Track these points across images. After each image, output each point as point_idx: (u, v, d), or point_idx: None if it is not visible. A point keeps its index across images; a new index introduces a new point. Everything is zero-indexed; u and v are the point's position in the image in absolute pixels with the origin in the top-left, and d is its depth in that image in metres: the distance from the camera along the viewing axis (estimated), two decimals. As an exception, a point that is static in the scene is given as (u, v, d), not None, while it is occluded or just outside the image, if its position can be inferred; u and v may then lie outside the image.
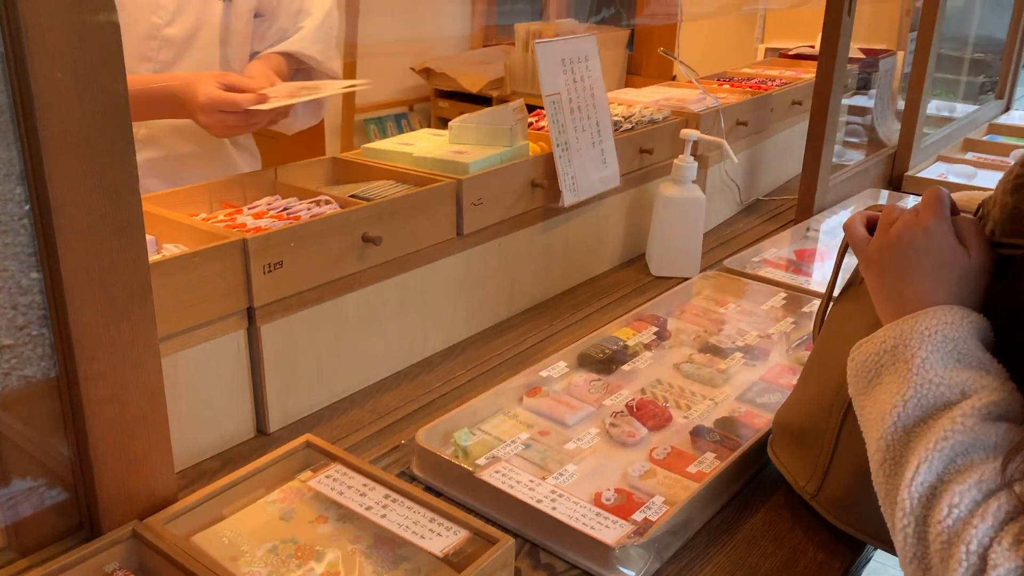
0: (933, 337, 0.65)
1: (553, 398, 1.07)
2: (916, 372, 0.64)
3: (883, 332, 0.68)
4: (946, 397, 0.62)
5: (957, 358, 0.64)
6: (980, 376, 0.63)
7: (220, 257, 0.91)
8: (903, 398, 0.63)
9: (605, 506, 0.87)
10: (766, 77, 2.08)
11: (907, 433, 0.63)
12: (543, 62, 1.30)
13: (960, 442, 0.60)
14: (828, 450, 0.83)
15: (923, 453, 0.60)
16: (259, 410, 1.01)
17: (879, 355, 0.67)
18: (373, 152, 1.28)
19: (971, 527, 0.56)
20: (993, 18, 3.53)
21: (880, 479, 0.64)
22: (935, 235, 0.69)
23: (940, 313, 0.66)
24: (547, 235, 1.37)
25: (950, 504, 0.57)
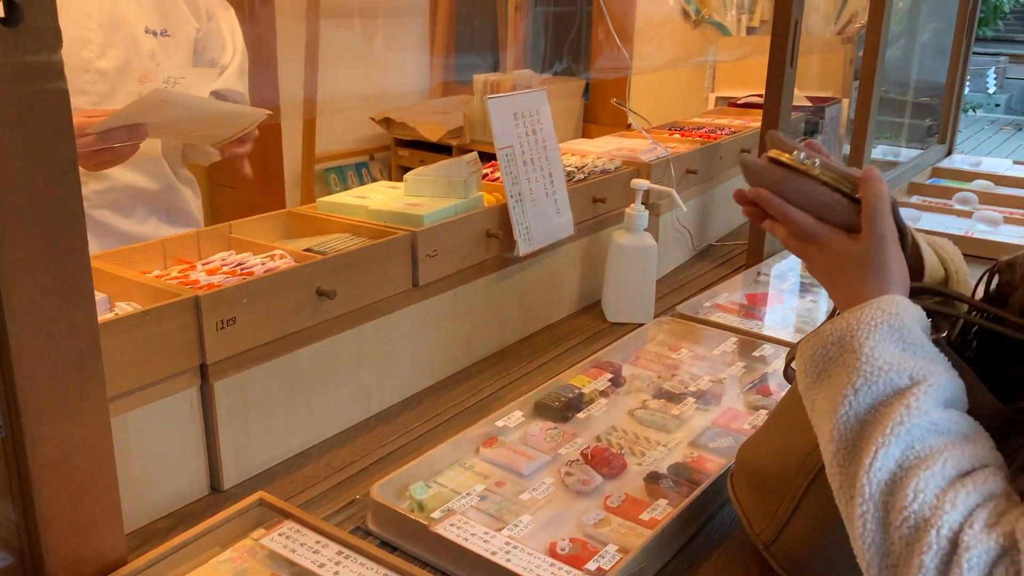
0: (879, 327, 0.66)
1: (509, 448, 1.08)
2: (865, 361, 0.64)
3: (829, 326, 0.69)
4: (896, 383, 0.63)
5: (903, 347, 0.65)
6: (927, 363, 0.64)
7: (172, 315, 0.91)
8: (854, 387, 0.64)
9: (560, 556, 0.87)
10: (716, 126, 2.14)
11: (859, 422, 0.63)
12: (495, 117, 1.33)
13: (916, 426, 0.61)
14: (790, 506, 0.82)
15: (879, 439, 0.61)
16: (213, 467, 1.00)
17: (827, 348, 0.68)
18: (328, 206, 1.30)
19: (941, 512, 0.56)
20: (936, 63, 3.66)
21: (835, 469, 0.64)
22: (830, 253, 0.73)
23: (882, 304, 0.67)
24: (503, 284, 1.39)
25: (915, 489, 0.58)
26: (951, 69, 2.78)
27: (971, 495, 0.57)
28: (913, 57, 4.38)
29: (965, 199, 2.26)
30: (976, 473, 0.59)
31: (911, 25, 3.41)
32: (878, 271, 0.71)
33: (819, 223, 0.74)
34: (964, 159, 2.76)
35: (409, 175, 1.33)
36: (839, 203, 0.74)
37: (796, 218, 0.74)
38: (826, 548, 0.80)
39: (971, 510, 0.57)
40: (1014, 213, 2.15)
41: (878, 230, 0.71)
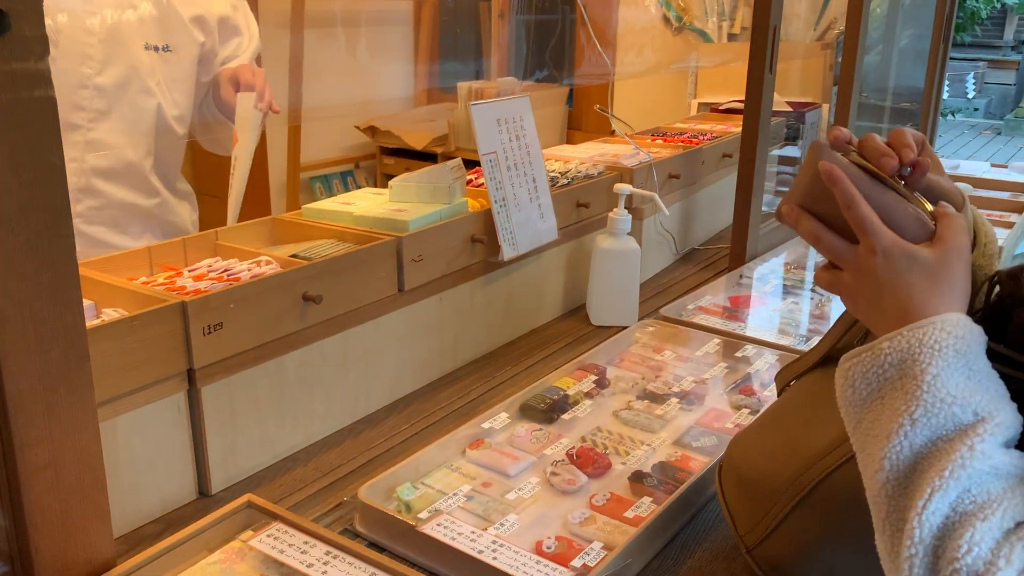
0: (944, 352, 0.61)
1: (495, 449, 1.09)
2: (927, 390, 0.60)
3: (886, 344, 0.64)
4: (959, 419, 0.60)
5: (968, 375, 0.61)
6: (992, 397, 0.61)
7: (159, 320, 0.92)
8: (911, 416, 0.60)
9: (546, 554, 0.88)
10: (698, 131, 2.17)
11: (914, 454, 0.60)
12: (479, 123, 1.34)
13: (977, 471, 0.58)
14: (777, 517, 0.81)
15: (936, 481, 0.58)
16: (201, 472, 1.01)
17: (883, 368, 0.64)
18: (314, 212, 1.31)
19: (995, 568, 0.55)
20: (916, 68, 3.71)
21: (882, 499, 0.61)
22: (890, 255, 0.66)
23: (947, 325, 0.62)
24: (488, 289, 1.40)
25: (970, 541, 0.56)
26: (929, 73, 2.82)
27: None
28: (893, 63, 4.43)
29: (944, 201, 2.28)
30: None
31: (889, 31, 3.46)
32: (950, 284, 0.66)
33: (881, 223, 0.68)
34: (942, 163, 2.79)
35: (394, 181, 1.34)
36: (914, 215, 0.68)
37: (862, 210, 0.67)
38: (811, 561, 0.80)
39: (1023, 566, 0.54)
40: (991, 215, 2.18)
41: (958, 241, 0.66)
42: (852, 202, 0.68)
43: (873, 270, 0.67)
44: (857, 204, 0.68)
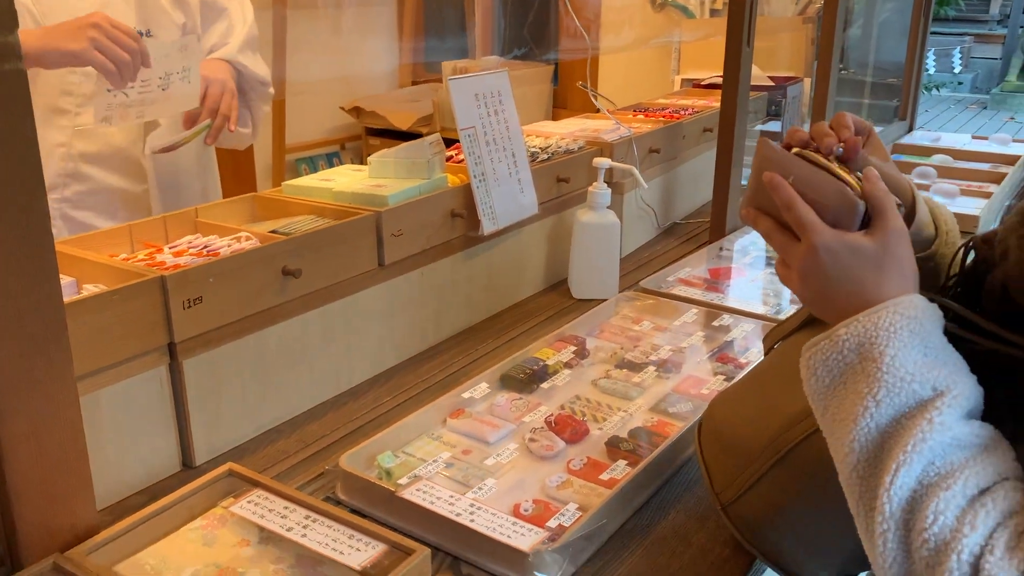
0: (900, 333, 0.63)
1: (475, 418, 1.10)
2: (887, 371, 0.62)
3: (843, 330, 0.66)
4: (919, 395, 0.61)
5: (924, 352, 0.63)
6: (950, 371, 0.63)
7: (138, 295, 0.93)
8: (875, 398, 0.62)
9: (523, 516, 0.90)
10: (679, 107, 2.18)
11: (880, 434, 0.62)
12: (457, 98, 1.35)
13: (939, 442, 0.59)
14: (753, 476, 0.83)
15: (900, 456, 0.59)
16: (184, 444, 1.02)
17: (843, 354, 0.65)
18: (294, 189, 1.32)
19: (961, 535, 0.56)
20: (900, 44, 3.73)
21: (854, 480, 0.63)
22: (831, 252, 0.68)
23: (900, 307, 0.65)
24: (470, 263, 1.42)
25: (935, 511, 0.57)
26: (910, 46, 2.83)
27: (990, 515, 0.56)
28: (879, 39, 4.44)
29: (924, 173, 2.31)
30: (996, 489, 0.58)
31: (871, 5, 3.46)
32: (898, 267, 0.67)
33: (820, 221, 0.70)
34: (924, 135, 2.81)
35: (373, 157, 1.36)
36: (837, 188, 0.70)
37: (799, 210, 0.70)
38: (784, 522, 0.82)
39: (991, 531, 0.56)
40: (971, 186, 2.21)
41: (894, 224, 0.68)
42: (790, 203, 0.70)
43: (820, 266, 0.69)
44: (795, 205, 0.70)
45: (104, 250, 1.12)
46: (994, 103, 9.21)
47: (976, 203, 2.08)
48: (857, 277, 0.68)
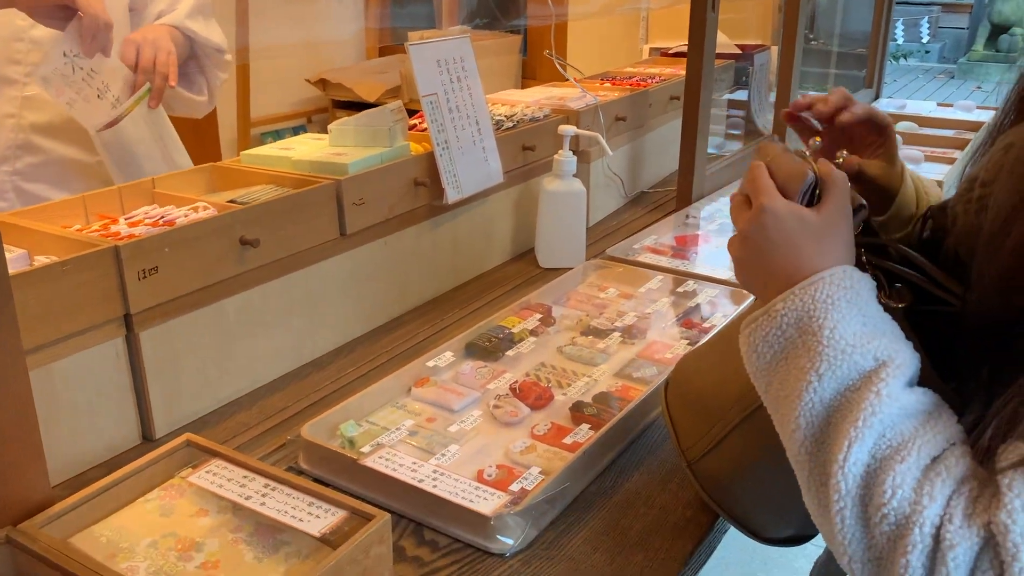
0: (838, 304, 0.63)
1: (440, 386, 1.10)
2: (827, 344, 0.62)
3: (780, 305, 0.65)
4: (861, 366, 0.61)
5: (863, 322, 0.63)
6: (889, 340, 0.63)
7: (91, 265, 0.91)
8: (817, 372, 0.62)
9: (486, 481, 0.90)
10: (647, 75, 2.17)
11: (825, 408, 0.62)
12: (417, 63, 1.33)
13: (887, 415, 0.59)
14: (720, 433, 0.83)
15: (852, 432, 0.59)
16: (144, 417, 1.01)
17: (782, 329, 0.65)
18: (252, 158, 1.30)
19: (920, 507, 0.56)
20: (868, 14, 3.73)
21: (802, 457, 0.63)
22: (777, 216, 0.68)
23: (837, 278, 0.64)
24: (435, 233, 1.41)
25: (892, 484, 0.57)
26: (876, 15, 2.84)
27: (946, 483, 0.57)
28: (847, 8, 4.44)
29: (889, 140, 2.32)
30: (947, 455, 0.59)
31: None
32: (834, 242, 0.68)
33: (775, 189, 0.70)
34: (890, 102, 2.82)
35: (333, 125, 1.33)
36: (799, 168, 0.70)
37: (754, 173, 0.71)
38: (749, 479, 0.83)
39: (947, 500, 0.56)
40: (935, 152, 2.22)
41: (841, 203, 0.69)
42: (753, 174, 0.71)
43: (763, 227, 0.69)
44: (756, 175, 0.71)
45: (57, 221, 1.09)
46: (961, 72, 9.29)
47: (940, 169, 2.10)
48: (796, 243, 0.68)
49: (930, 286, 0.69)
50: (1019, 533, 0.52)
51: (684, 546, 0.85)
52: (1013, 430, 0.57)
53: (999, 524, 0.53)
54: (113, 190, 1.19)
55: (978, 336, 0.64)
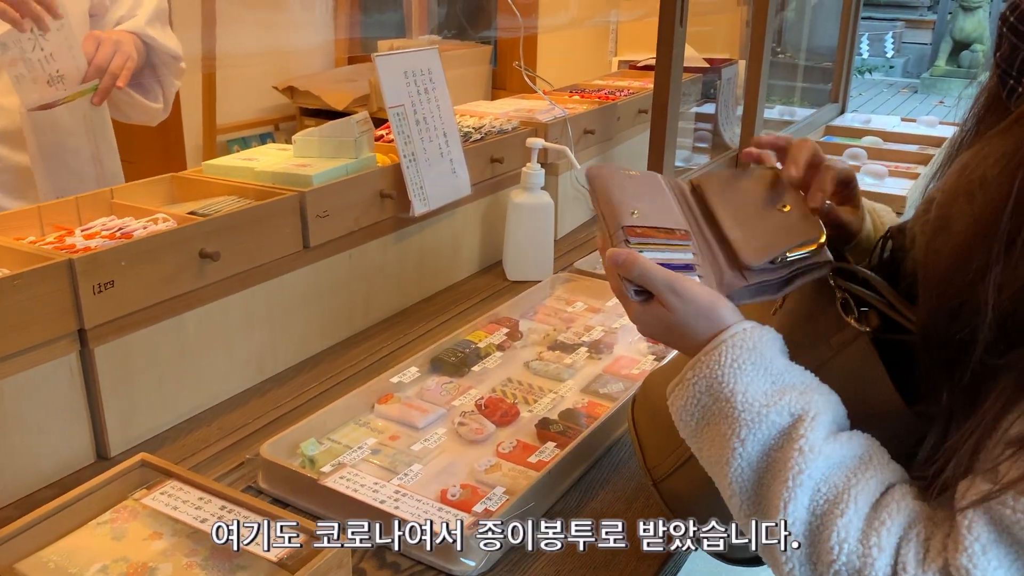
0: (743, 366, 0.64)
1: (404, 403, 1.08)
2: (741, 408, 0.63)
3: (691, 373, 0.67)
4: (779, 424, 0.62)
5: (771, 380, 0.64)
6: (800, 392, 0.64)
7: (44, 279, 0.89)
8: (739, 438, 0.63)
9: (450, 501, 0.89)
10: (615, 88, 2.17)
11: (754, 471, 0.63)
12: (384, 75, 1.32)
13: (816, 468, 0.60)
14: (687, 452, 0.80)
15: (784, 494, 0.60)
16: (98, 434, 0.98)
17: (697, 397, 0.67)
18: (214, 168, 1.27)
19: (870, 559, 0.56)
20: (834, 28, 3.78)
21: (744, 521, 0.64)
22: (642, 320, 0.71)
23: (738, 339, 0.66)
24: (400, 245, 1.39)
25: (837, 541, 0.57)
26: (842, 30, 2.87)
27: (891, 531, 0.57)
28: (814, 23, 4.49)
29: (855, 154, 2.34)
30: (887, 500, 0.59)
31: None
32: (717, 309, 0.68)
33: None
34: (855, 117, 2.86)
35: (297, 136, 1.32)
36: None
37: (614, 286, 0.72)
38: (714, 500, 0.81)
39: (897, 548, 0.56)
40: (899, 167, 2.25)
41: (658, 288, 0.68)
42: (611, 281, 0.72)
43: (652, 323, 0.70)
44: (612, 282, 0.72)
45: (10, 233, 1.06)
46: (924, 87, 9.45)
47: (904, 184, 2.12)
48: (684, 325, 0.68)
49: (887, 309, 0.70)
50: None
51: (649, 567, 0.84)
52: (972, 467, 0.57)
53: (961, 568, 0.54)
54: (70, 200, 1.16)
55: (932, 360, 0.65)
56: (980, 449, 0.57)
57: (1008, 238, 0.57)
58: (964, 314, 0.60)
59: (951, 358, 0.61)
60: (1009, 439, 0.56)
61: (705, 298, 0.68)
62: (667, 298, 0.68)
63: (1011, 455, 0.55)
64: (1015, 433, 0.56)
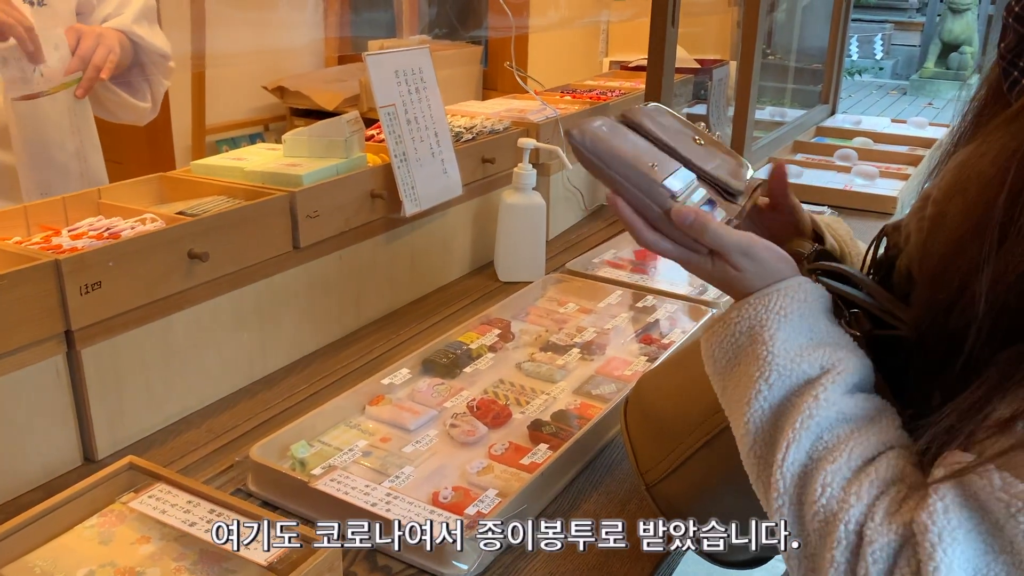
0: (790, 316, 0.65)
1: (396, 405, 1.08)
2: (776, 352, 0.64)
3: (736, 314, 0.68)
4: (807, 373, 0.63)
5: (811, 335, 0.65)
6: (835, 349, 0.65)
7: (30, 280, 0.88)
8: (767, 380, 0.64)
9: (442, 504, 0.88)
10: (607, 88, 2.17)
11: (774, 413, 0.64)
12: (375, 75, 1.31)
13: (825, 418, 0.61)
14: (681, 456, 0.83)
15: (790, 434, 0.61)
16: (85, 437, 0.97)
17: (735, 336, 0.67)
18: (203, 168, 1.26)
19: (847, 505, 0.58)
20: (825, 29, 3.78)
21: (752, 460, 0.65)
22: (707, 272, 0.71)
23: (792, 290, 0.67)
24: (392, 246, 1.38)
25: (822, 483, 0.59)
26: (832, 32, 2.88)
27: (874, 484, 0.58)
28: (804, 24, 4.50)
29: (845, 155, 2.35)
30: (880, 459, 0.60)
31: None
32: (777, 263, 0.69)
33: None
34: (846, 118, 2.86)
35: (287, 135, 1.31)
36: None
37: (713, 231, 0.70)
38: (709, 504, 0.81)
39: (874, 499, 0.58)
40: (890, 168, 2.26)
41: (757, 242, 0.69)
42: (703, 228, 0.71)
43: (725, 278, 0.71)
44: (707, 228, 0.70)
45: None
46: (913, 89, 9.49)
47: (894, 185, 2.12)
48: (751, 278, 0.70)
49: (879, 312, 0.70)
50: (936, 533, 0.54)
51: (643, 569, 0.83)
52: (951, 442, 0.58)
53: (920, 524, 0.55)
54: (56, 200, 1.14)
55: (925, 362, 0.65)
56: (958, 431, 0.58)
57: (1001, 230, 0.57)
58: (959, 308, 0.60)
59: (945, 355, 0.61)
60: (990, 423, 0.56)
61: (774, 259, 0.69)
62: (737, 260, 0.69)
63: (989, 436, 0.56)
64: (996, 417, 0.56)
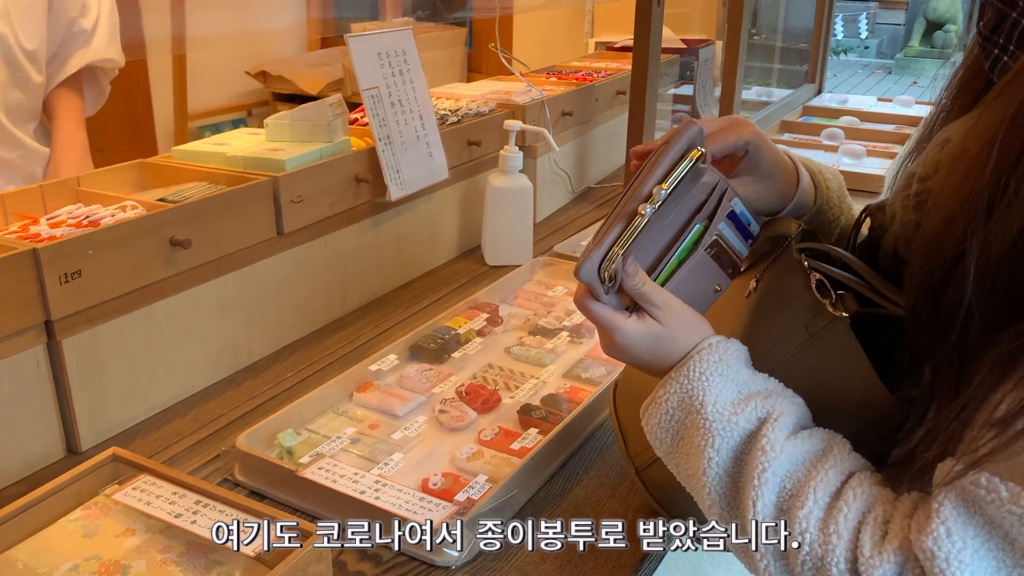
0: (712, 378, 0.66)
1: (384, 391, 1.07)
2: (712, 417, 0.64)
3: (663, 392, 0.68)
4: (746, 429, 0.64)
5: (737, 389, 0.66)
6: (764, 398, 0.65)
7: (8, 269, 0.86)
8: (712, 446, 0.64)
9: (431, 491, 0.87)
10: (593, 69, 2.15)
11: (730, 477, 0.64)
12: (358, 56, 1.29)
13: (780, 465, 0.62)
14: None
15: (752, 492, 0.62)
16: (68, 428, 0.96)
17: (670, 413, 0.68)
18: (184, 154, 1.24)
19: (830, 546, 0.58)
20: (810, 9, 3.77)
21: (723, 526, 0.65)
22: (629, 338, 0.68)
23: (705, 353, 0.67)
24: (377, 231, 1.37)
25: (800, 531, 0.59)
26: (817, 11, 2.86)
27: (848, 517, 0.58)
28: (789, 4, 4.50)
29: (832, 135, 2.34)
30: (846, 490, 0.60)
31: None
32: (688, 324, 0.68)
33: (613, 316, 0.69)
34: (832, 97, 2.85)
35: (269, 119, 1.29)
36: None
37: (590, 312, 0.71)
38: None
39: (855, 532, 0.58)
40: (876, 147, 2.25)
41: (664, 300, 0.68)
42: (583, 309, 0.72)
43: (624, 348, 0.69)
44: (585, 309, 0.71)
45: (-28, 223, 1.03)
46: (898, 68, 9.49)
47: (881, 163, 2.12)
48: (656, 347, 0.68)
49: (869, 292, 0.69)
50: (943, 559, 0.54)
51: (634, 553, 0.83)
52: (955, 448, 0.57)
53: (926, 551, 0.54)
54: (35, 188, 1.12)
55: (916, 339, 0.64)
56: (964, 431, 0.56)
57: (988, 203, 0.57)
58: (952, 283, 0.59)
59: (937, 332, 0.60)
60: (993, 421, 0.55)
61: (688, 312, 0.69)
62: (664, 305, 0.68)
63: (993, 437, 0.54)
64: (999, 415, 0.55)
